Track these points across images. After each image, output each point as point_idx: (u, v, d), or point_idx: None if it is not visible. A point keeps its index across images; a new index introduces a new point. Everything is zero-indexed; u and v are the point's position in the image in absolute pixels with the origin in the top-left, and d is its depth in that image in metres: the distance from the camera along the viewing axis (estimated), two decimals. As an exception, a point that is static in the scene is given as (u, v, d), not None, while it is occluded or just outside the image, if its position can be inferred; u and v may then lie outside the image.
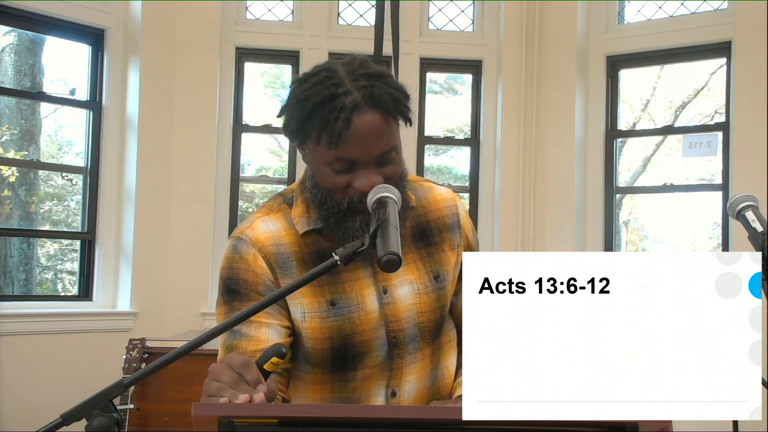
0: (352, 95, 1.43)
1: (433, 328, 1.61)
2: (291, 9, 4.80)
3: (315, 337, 1.55)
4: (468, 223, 1.71)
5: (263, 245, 1.55)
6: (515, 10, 4.78)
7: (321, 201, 1.52)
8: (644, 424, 1.11)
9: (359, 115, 1.42)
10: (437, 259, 1.62)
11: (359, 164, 1.46)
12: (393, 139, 1.48)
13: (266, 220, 1.59)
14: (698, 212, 4.81)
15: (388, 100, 1.45)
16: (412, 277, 1.59)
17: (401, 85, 1.51)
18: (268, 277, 1.54)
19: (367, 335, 1.55)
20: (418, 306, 1.59)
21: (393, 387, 1.58)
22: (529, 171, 4.72)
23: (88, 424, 1.10)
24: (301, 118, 1.46)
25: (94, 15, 4.29)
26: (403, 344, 1.58)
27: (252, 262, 1.55)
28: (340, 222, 1.51)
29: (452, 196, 1.70)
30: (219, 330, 1.22)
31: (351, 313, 1.55)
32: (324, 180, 1.49)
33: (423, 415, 1.13)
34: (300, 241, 1.56)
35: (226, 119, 4.62)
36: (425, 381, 1.62)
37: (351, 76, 1.45)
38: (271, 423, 1.10)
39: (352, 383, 1.57)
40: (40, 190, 4.60)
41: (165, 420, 3.43)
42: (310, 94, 1.45)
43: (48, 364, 3.98)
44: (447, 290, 1.63)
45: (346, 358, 1.55)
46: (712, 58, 4.54)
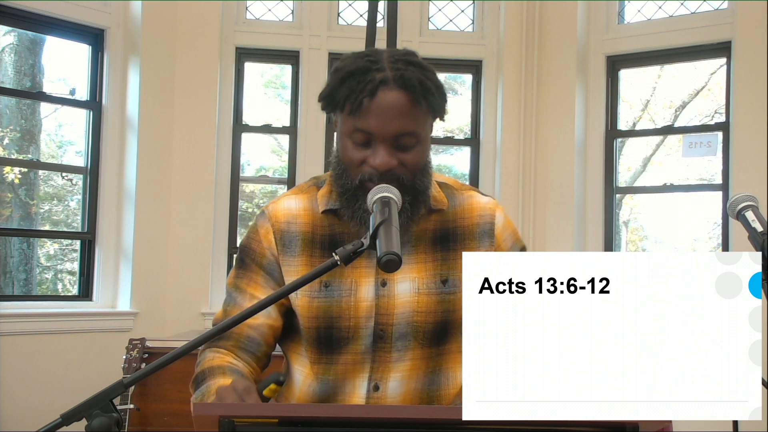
0: (384, 72, 1.49)
1: (428, 330, 1.59)
2: (291, 9, 4.80)
3: (304, 314, 1.59)
4: (505, 233, 1.67)
5: (277, 220, 1.63)
6: (515, 10, 4.78)
7: (338, 175, 1.57)
8: (644, 424, 1.11)
9: (384, 90, 1.48)
10: (452, 264, 1.61)
11: (376, 139, 1.49)
12: (413, 124, 1.51)
13: (291, 198, 1.66)
14: (698, 212, 4.81)
15: (416, 85, 1.50)
16: (416, 276, 1.59)
17: (439, 82, 1.57)
18: (272, 252, 1.62)
19: (354, 322, 1.56)
20: (415, 305, 1.58)
21: (376, 380, 1.57)
22: (529, 171, 4.72)
23: (88, 424, 1.10)
24: (333, 87, 1.52)
25: (94, 15, 4.29)
26: (390, 339, 1.57)
27: (263, 235, 1.63)
28: (350, 200, 1.55)
29: (492, 206, 1.68)
30: (218, 330, 1.24)
31: (341, 297, 1.57)
32: (343, 153, 1.55)
33: (423, 415, 1.14)
34: (316, 222, 1.62)
35: (226, 119, 4.62)
36: (416, 383, 1.60)
37: (391, 58, 1.53)
38: (272, 423, 1.11)
39: (334, 366, 1.58)
40: (40, 190, 4.60)
41: (165, 420, 3.43)
42: (346, 65, 1.52)
43: (48, 364, 3.98)
44: (456, 297, 1.59)
45: (331, 340, 1.58)
46: (712, 58, 4.54)
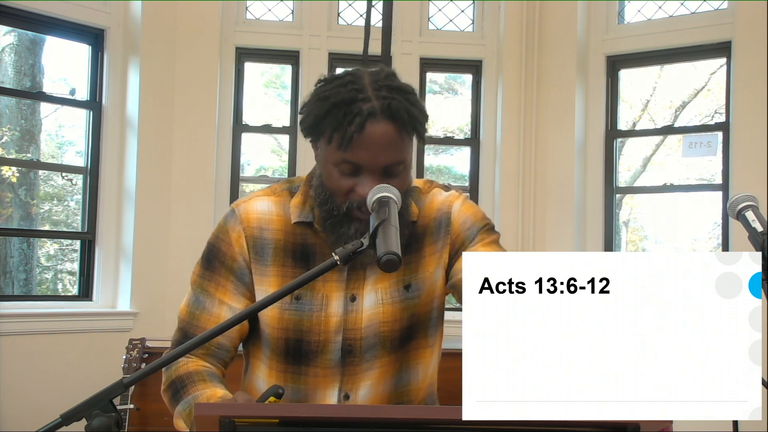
0: (370, 103, 1.46)
1: (395, 338, 1.59)
2: (291, 9, 4.80)
3: (273, 325, 1.58)
4: (462, 216, 1.64)
5: (249, 225, 1.62)
6: (515, 10, 4.78)
7: (323, 201, 1.55)
8: (645, 424, 1.11)
9: (373, 123, 1.46)
10: (414, 267, 1.61)
11: (365, 170, 1.48)
12: (402, 153, 1.50)
13: (264, 200, 1.64)
14: (698, 212, 4.81)
15: (404, 115, 1.48)
16: (379, 287, 1.59)
17: (422, 105, 1.55)
18: (244, 258, 1.61)
19: (323, 336, 1.57)
20: (380, 316, 1.58)
21: (346, 390, 1.58)
22: (529, 171, 4.72)
23: (88, 424, 1.10)
24: (317, 116, 1.49)
25: (94, 15, 4.29)
26: (359, 352, 1.58)
27: (235, 239, 1.62)
28: (335, 226, 1.53)
29: (451, 198, 1.67)
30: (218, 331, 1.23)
31: (312, 311, 1.57)
32: (329, 181, 1.52)
33: (423, 415, 1.14)
34: (288, 230, 1.60)
35: (226, 119, 4.62)
36: (384, 385, 1.60)
37: (374, 85, 1.49)
38: (272, 423, 1.11)
39: (304, 377, 1.59)
40: (40, 190, 4.60)
41: (165, 420, 3.42)
42: (331, 94, 1.48)
43: (48, 364, 3.98)
44: (420, 299, 1.60)
45: (300, 352, 1.58)
46: (712, 58, 4.54)
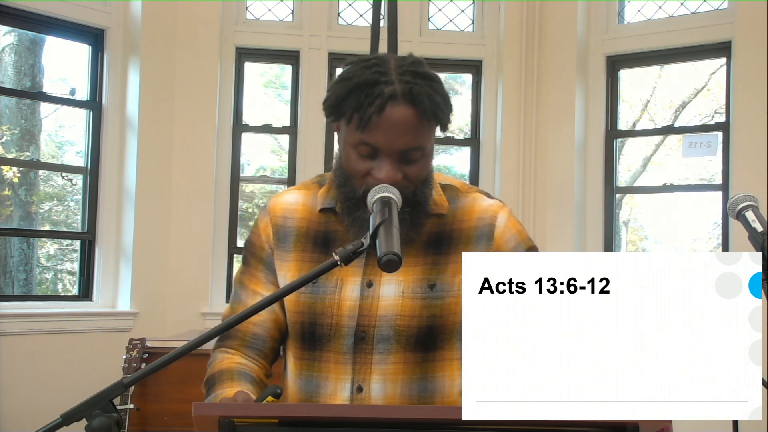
0: (393, 86, 1.47)
1: (412, 335, 1.55)
2: (291, 9, 4.80)
3: (290, 309, 1.60)
4: (508, 233, 1.61)
5: (275, 214, 1.66)
6: (515, 10, 4.78)
7: (341, 183, 1.56)
8: (644, 424, 1.11)
9: (393, 105, 1.46)
10: (442, 269, 1.57)
11: (382, 153, 1.48)
12: (421, 139, 1.50)
13: (293, 193, 1.69)
14: (698, 212, 4.81)
15: (425, 100, 1.47)
16: (402, 279, 1.56)
17: (446, 94, 1.55)
18: (270, 245, 1.65)
19: (336, 320, 1.56)
20: (398, 308, 1.55)
21: (359, 382, 1.55)
22: (529, 171, 4.72)
23: (88, 424, 1.10)
24: (339, 96, 1.49)
25: (94, 15, 4.29)
26: (372, 341, 1.55)
27: (262, 229, 1.67)
28: (352, 209, 1.54)
29: (495, 208, 1.63)
30: (217, 331, 1.23)
31: (326, 294, 1.57)
32: (348, 163, 1.53)
33: (423, 415, 1.14)
34: (312, 218, 1.63)
35: (226, 119, 4.62)
36: (401, 387, 1.55)
37: (399, 70, 1.50)
38: (272, 423, 1.10)
39: (317, 363, 1.58)
40: (40, 190, 4.60)
41: (165, 420, 3.43)
42: (355, 74, 1.49)
43: (48, 364, 3.98)
44: (444, 302, 1.56)
45: (314, 336, 1.58)
46: (712, 58, 4.54)
